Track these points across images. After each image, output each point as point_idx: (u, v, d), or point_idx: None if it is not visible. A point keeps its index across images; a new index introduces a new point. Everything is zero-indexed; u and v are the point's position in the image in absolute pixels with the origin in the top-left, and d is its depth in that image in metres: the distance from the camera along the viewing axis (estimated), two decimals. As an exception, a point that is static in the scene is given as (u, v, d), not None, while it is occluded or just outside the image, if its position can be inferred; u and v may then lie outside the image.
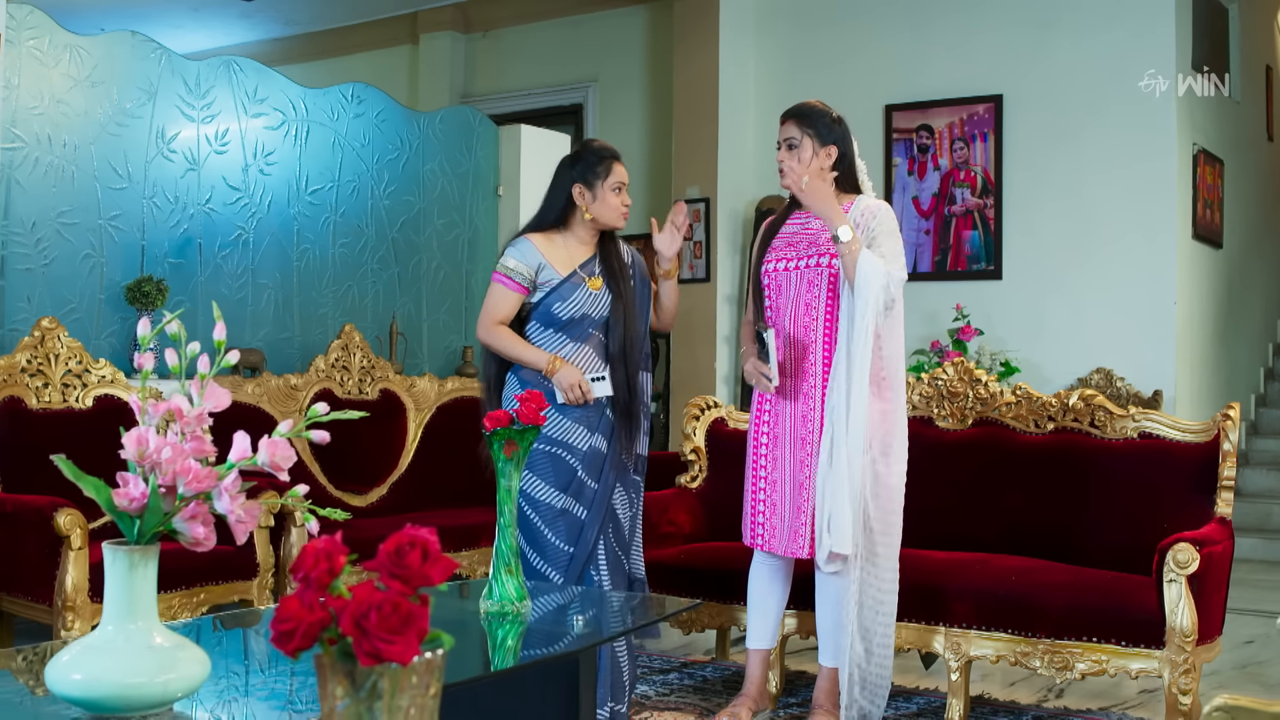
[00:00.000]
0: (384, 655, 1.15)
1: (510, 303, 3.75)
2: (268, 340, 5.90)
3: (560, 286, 3.71)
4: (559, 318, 3.72)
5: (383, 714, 1.20)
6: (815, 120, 3.76)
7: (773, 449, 3.81)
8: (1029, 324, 7.54)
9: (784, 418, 3.78)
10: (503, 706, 2.87)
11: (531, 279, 3.72)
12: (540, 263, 3.72)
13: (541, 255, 3.73)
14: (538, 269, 3.72)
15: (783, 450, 3.78)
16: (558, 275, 3.72)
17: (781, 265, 3.82)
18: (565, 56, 9.54)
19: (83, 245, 5.16)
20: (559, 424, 3.70)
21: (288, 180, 6.01)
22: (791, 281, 3.78)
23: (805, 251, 3.79)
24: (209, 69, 5.67)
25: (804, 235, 3.83)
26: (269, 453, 1.98)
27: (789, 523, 3.77)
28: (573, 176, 3.78)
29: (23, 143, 4.96)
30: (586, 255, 3.80)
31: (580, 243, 3.80)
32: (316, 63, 10.57)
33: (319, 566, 1.23)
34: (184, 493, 1.98)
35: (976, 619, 3.88)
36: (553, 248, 3.77)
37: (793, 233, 3.86)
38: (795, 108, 3.84)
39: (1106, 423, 4.33)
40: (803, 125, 3.76)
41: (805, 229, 3.84)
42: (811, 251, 3.78)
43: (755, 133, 8.37)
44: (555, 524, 3.68)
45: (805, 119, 3.77)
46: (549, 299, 3.72)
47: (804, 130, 3.75)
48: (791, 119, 3.79)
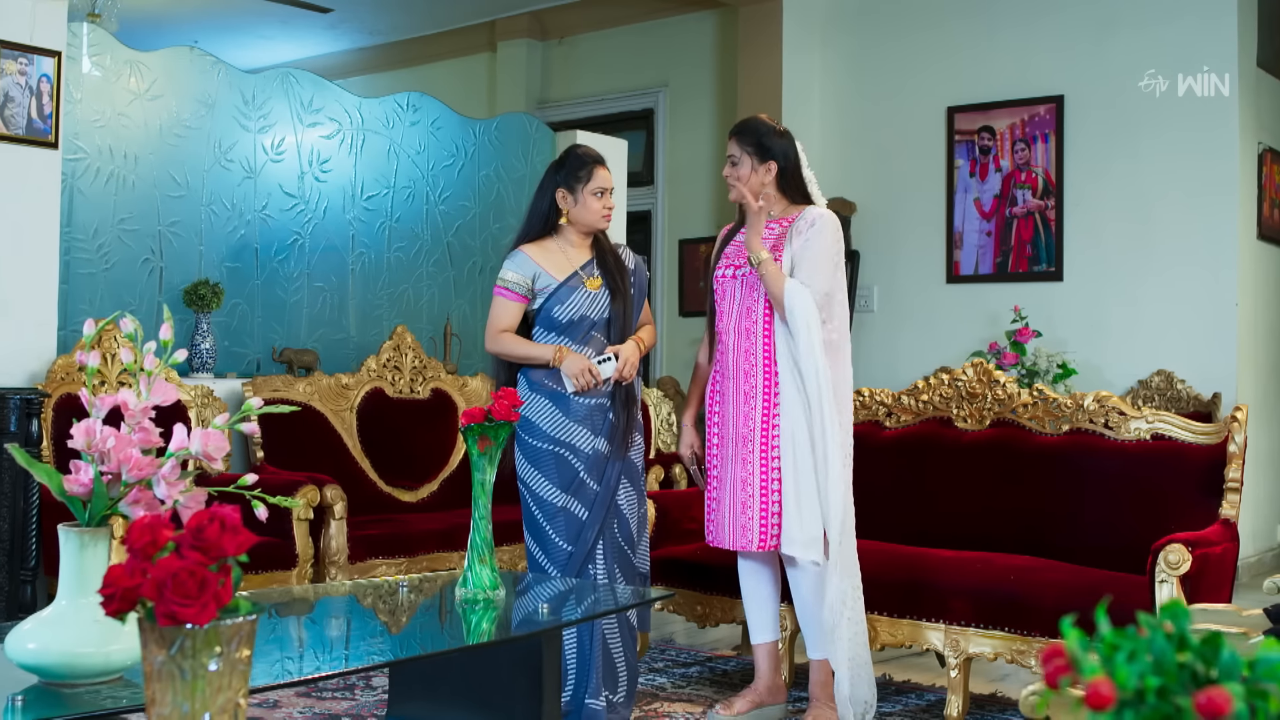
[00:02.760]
0: (180, 617, 1.29)
1: (512, 313, 3.91)
2: (323, 341, 6.14)
3: (558, 290, 3.86)
4: (559, 321, 3.86)
5: (191, 672, 1.34)
6: (756, 137, 3.90)
7: (721, 448, 3.94)
8: (1090, 326, 7.48)
9: (729, 419, 3.92)
10: (473, 686, 3.01)
11: (529, 287, 3.88)
12: (536, 271, 3.87)
13: (536, 264, 3.88)
14: (534, 277, 3.87)
15: (726, 449, 3.91)
16: (554, 280, 3.86)
17: (729, 272, 3.96)
18: (637, 63, 9.68)
19: (142, 250, 5.43)
20: (564, 425, 3.85)
21: (343, 187, 6.24)
22: (736, 287, 3.93)
23: (748, 259, 3.90)
24: (265, 81, 5.93)
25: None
26: (202, 442, 2.15)
27: (735, 518, 3.89)
28: (556, 181, 3.92)
29: (85, 154, 5.25)
30: (584, 258, 3.94)
31: (574, 246, 3.94)
32: (399, 71, 10.86)
33: (143, 539, 1.37)
34: (127, 479, 2.15)
35: (974, 617, 3.93)
36: (547, 254, 3.91)
37: (742, 242, 3.97)
38: (737, 125, 4.01)
39: (1120, 424, 4.34)
40: (742, 143, 3.91)
41: None
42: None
43: (820, 137, 8.42)
44: (555, 520, 3.82)
45: (744, 136, 3.92)
46: (548, 304, 3.87)
47: (743, 147, 3.90)
48: (733, 136, 3.96)
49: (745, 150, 3.92)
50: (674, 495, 4.91)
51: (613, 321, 3.90)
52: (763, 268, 3.78)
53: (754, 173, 3.89)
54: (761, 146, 3.91)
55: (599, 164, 3.93)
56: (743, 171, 3.90)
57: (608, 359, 3.82)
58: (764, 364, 3.86)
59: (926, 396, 4.77)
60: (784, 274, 3.78)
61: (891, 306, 8.25)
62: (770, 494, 3.83)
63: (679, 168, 9.43)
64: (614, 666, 3.89)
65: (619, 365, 3.81)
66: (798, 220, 3.88)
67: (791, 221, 3.88)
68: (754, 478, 3.83)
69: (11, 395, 4.50)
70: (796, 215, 3.89)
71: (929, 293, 8.09)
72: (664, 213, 9.50)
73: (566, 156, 3.97)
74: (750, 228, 3.84)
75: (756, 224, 3.83)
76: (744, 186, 3.87)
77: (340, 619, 3.10)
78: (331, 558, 4.96)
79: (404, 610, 3.11)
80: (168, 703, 1.35)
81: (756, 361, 3.87)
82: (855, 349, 8.17)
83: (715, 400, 4.00)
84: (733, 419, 3.90)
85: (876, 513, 4.49)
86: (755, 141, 3.91)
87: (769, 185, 3.91)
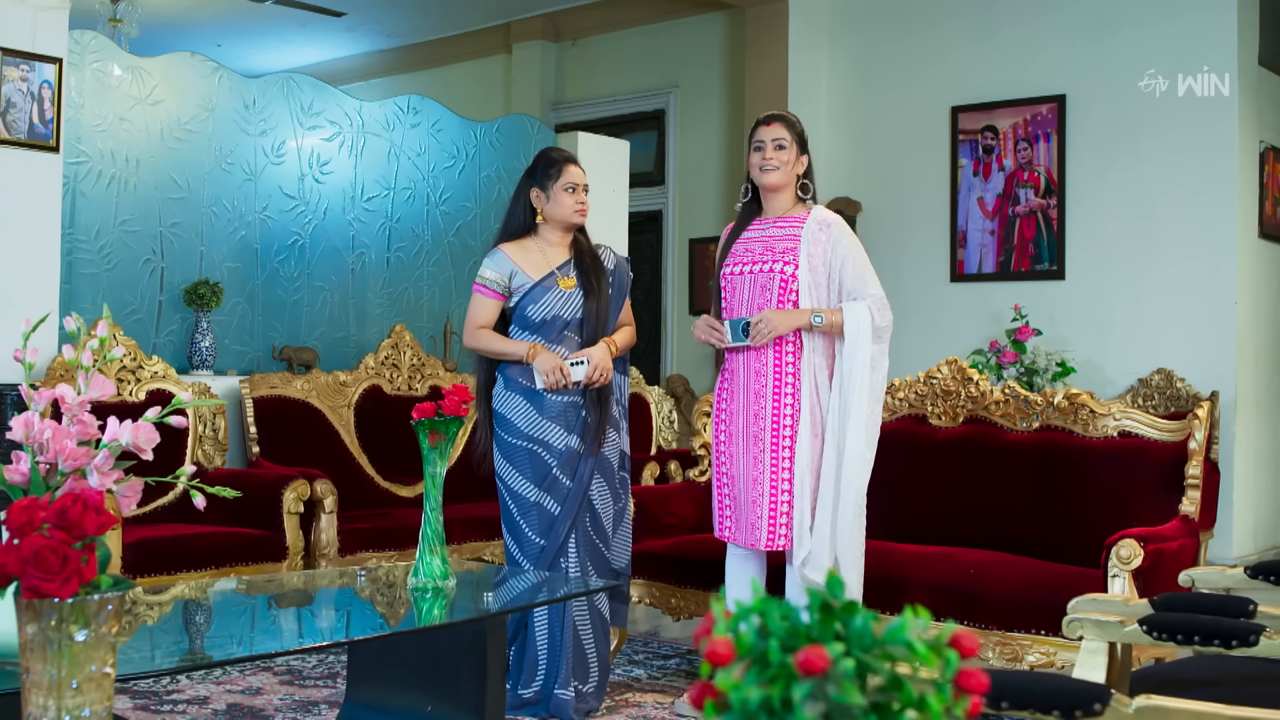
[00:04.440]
0: (42, 591, 1.40)
1: (488, 310, 4.01)
2: (324, 339, 6.27)
3: (532, 290, 3.96)
4: (532, 320, 3.96)
5: (58, 644, 1.45)
6: (800, 129, 3.98)
7: (728, 446, 3.98)
8: (1091, 324, 7.51)
9: (737, 415, 3.95)
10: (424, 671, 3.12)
11: (506, 285, 3.98)
12: (513, 270, 3.98)
13: (513, 263, 3.99)
14: (510, 275, 3.98)
15: (735, 447, 3.95)
16: (530, 280, 3.97)
17: (739, 270, 3.99)
18: (648, 64, 9.78)
19: (143, 251, 5.59)
20: (538, 423, 3.95)
21: (343, 189, 6.38)
22: (745, 285, 3.96)
23: (760, 257, 3.96)
24: (265, 85, 6.07)
25: (761, 242, 4.00)
26: (133, 434, 2.26)
27: (745, 517, 3.94)
28: (530, 183, 4.03)
29: (87, 157, 5.41)
30: (562, 258, 4.04)
31: (552, 245, 4.05)
32: (418, 73, 11.02)
33: (20, 519, 1.49)
34: (63, 469, 2.27)
35: (934, 610, 3.99)
36: (526, 254, 4.02)
37: (752, 239, 4.03)
38: (783, 113, 4.04)
39: (1089, 421, 4.39)
40: (791, 130, 3.95)
41: (763, 236, 4.01)
42: (767, 258, 3.95)
43: (827, 138, 8.49)
44: (529, 515, 3.93)
45: (794, 126, 3.98)
46: (523, 302, 3.98)
47: (793, 135, 3.94)
48: (781, 122, 3.97)
49: (795, 138, 3.98)
50: (654, 491, 5.00)
51: (586, 321, 3.99)
52: (827, 325, 3.82)
53: (796, 161, 3.97)
54: (803, 138, 4.00)
55: (570, 162, 4.03)
56: (789, 156, 3.96)
57: (580, 362, 3.91)
58: (774, 365, 3.91)
59: (903, 394, 4.84)
60: (836, 310, 3.83)
61: (897, 305, 8.17)
62: (780, 493, 3.88)
63: (689, 167, 9.52)
64: (585, 657, 3.98)
65: (588, 370, 3.90)
66: (809, 220, 3.94)
67: (793, 223, 3.94)
68: (764, 476, 3.88)
69: (9, 390, 4.65)
70: (806, 214, 3.96)
71: (934, 291, 8.14)
72: (674, 212, 9.60)
73: (538, 159, 4.09)
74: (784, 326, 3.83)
75: (790, 321, 3.83)
76: (786, 173, 3.93)
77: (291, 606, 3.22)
78: (321, 550, 5.09)
79: (362, 596, 3.22)
80: (39, 671, 1.45)
81: (767, 361, 3.91)
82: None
83: (722, 398, 4.05)
84: (742, 416, 3.94)
85: (851, 508, 4.56)
86: (799, 132, 4.00)
87: (797, 176, 3.98)
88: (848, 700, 0.77)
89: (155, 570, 4.61)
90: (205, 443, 5.34)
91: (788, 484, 3.85)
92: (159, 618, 3.06)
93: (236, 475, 5.29)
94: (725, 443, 4.00)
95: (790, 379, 3.88)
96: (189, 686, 4.31)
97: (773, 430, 3.86)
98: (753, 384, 3.92)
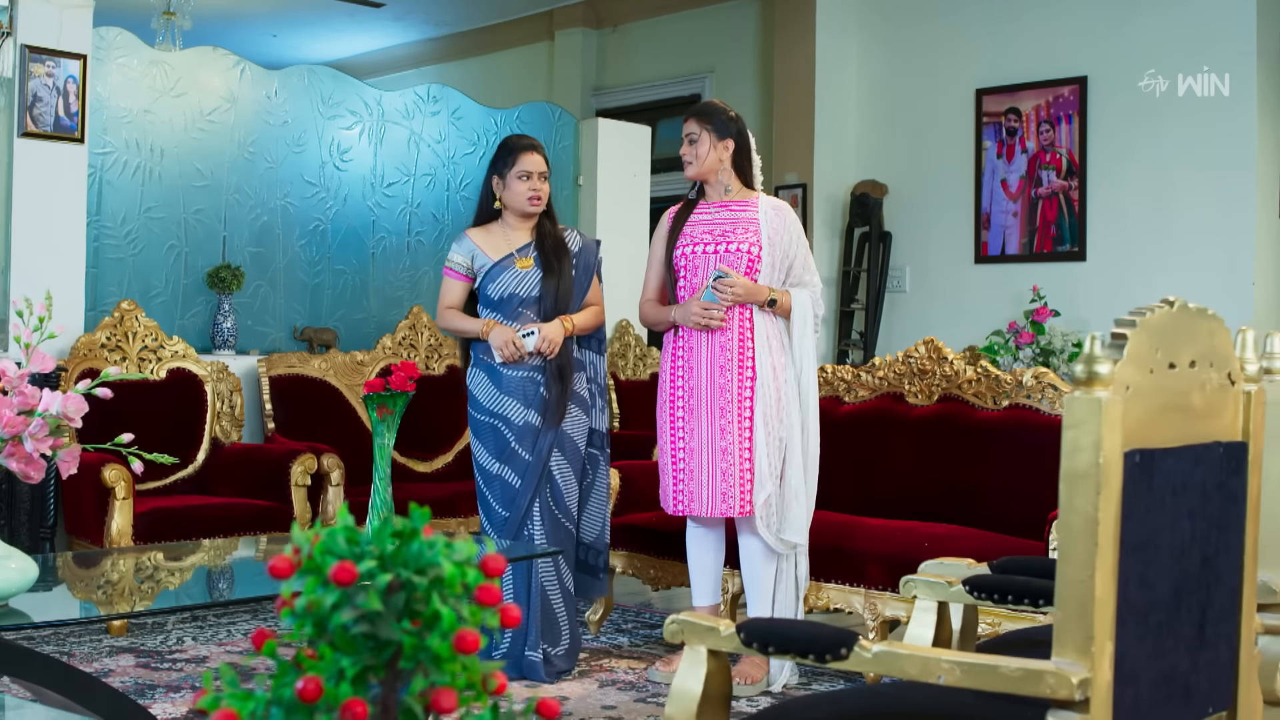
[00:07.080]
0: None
1: (455, 291, 4.25)
2: (345, 321, 6.53)
3: (491, 269, 4.20)
4: (492, 298, 4.20)
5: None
6: (713, 117, 4.11)
7: (688, 420, 4.14)
8: (1112, 305, 7.52)
9: (699, 389, 4.11)
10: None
11: (470, 267, 4.22)
12: (474, 251, 4.21)
13: (476, 246, 4.22)
14: (472, 257, 4.21)
15: (698, 421, 4.11)
16: (489, 260, 4.19)
17: (699, 249, 4.15)
18: (685, 49, 9.91)
19: (168, 237, 5.87)
20: (497, 398, 4.17)
21: (364, 176, 6.62)
22: (709, 263, 4.11)
23: (721, 237, 4.12)
24: (287, 77, 6.32)
25: (718, 222, 4.16)
26: (62, 404, 2.49)
27: (715, 486, 4.10)
28: (491, 170, 4.24)
29: (112, 148, 5.70)
30: (523, 240, 4.25)
31: (514, 229, 4.26)
32: (466, 60, 11.26)
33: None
34: (3, 435, 2.51)
35: (890, 581, 4.13)
36: (489, 237, 4.25)
37: (706, 219, 4.19)
38: (695, 107, 4.24)
39: (1056, 399, 4.48)
40: (701, 122, 4.11)
41: (719, 216, 4.17)
42: (730, 236, 4.11)
43: (856, 121, 8.58)
44: (492, 486, 4.15)
45: (704, 116, 4.13)
46: (484, 282, 4.21)
47: (702, 126, 4.10)
48: (692, 117, 4.16)
49: (705, 129, 4.15)
50: (640, 466, 5.18)
51: (544, 299, 4.19)
52: (778, 307, 4.04)
53: (712, 149, 4.13)
54: (720, 124, 4.15)
55: (527, 150, 4.22)
56: (701, 150, 4.14)
57: (530, 333, 4.11)
58: (739, 338, 4.07)
59: (883, 373, 4.96)
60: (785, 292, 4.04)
61: (922, 287, 8.38)
62: (744, 460, 4.05)
63: (724, 152, 9.64)
64: (555, 621, 4.18)
65: (536, 341, 4.09)
66: (761, 203, 4.12)
67: (746, 205, 4.11)
68: (733, 447, 4.06)
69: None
70: (754, 200, 4.13)
71: (958, 273, 8.20)
72: (710, 196, 9.73)
73: (499, 147, 4.29)
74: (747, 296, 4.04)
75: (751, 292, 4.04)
76: (702, 165, 4.12)
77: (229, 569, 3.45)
78: (329, 522, 5.34)
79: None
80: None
81: (732, 335, 4.07)
82: (887, 328, 8.37)
83: (678, 375, 4.21)
84: (704, 389, 4.10)
85: (830, 484, 4.70)
86: (713, 120, 4.15)
87: (725, 162, 4.14)
88: (369, 606, 0.95)
89: (167, 538, 4.89)
90: (222, 419, 5.61)
91: (748, 452, 4.02)
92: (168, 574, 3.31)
93: (249, 449, 5.57)
94: (685, 418, 4.15)
95: (751, 352, 4.05)
96: (191, 647, 4.58)
97: (738, 400, 4.03)
98: (717, 358, 4.08)
